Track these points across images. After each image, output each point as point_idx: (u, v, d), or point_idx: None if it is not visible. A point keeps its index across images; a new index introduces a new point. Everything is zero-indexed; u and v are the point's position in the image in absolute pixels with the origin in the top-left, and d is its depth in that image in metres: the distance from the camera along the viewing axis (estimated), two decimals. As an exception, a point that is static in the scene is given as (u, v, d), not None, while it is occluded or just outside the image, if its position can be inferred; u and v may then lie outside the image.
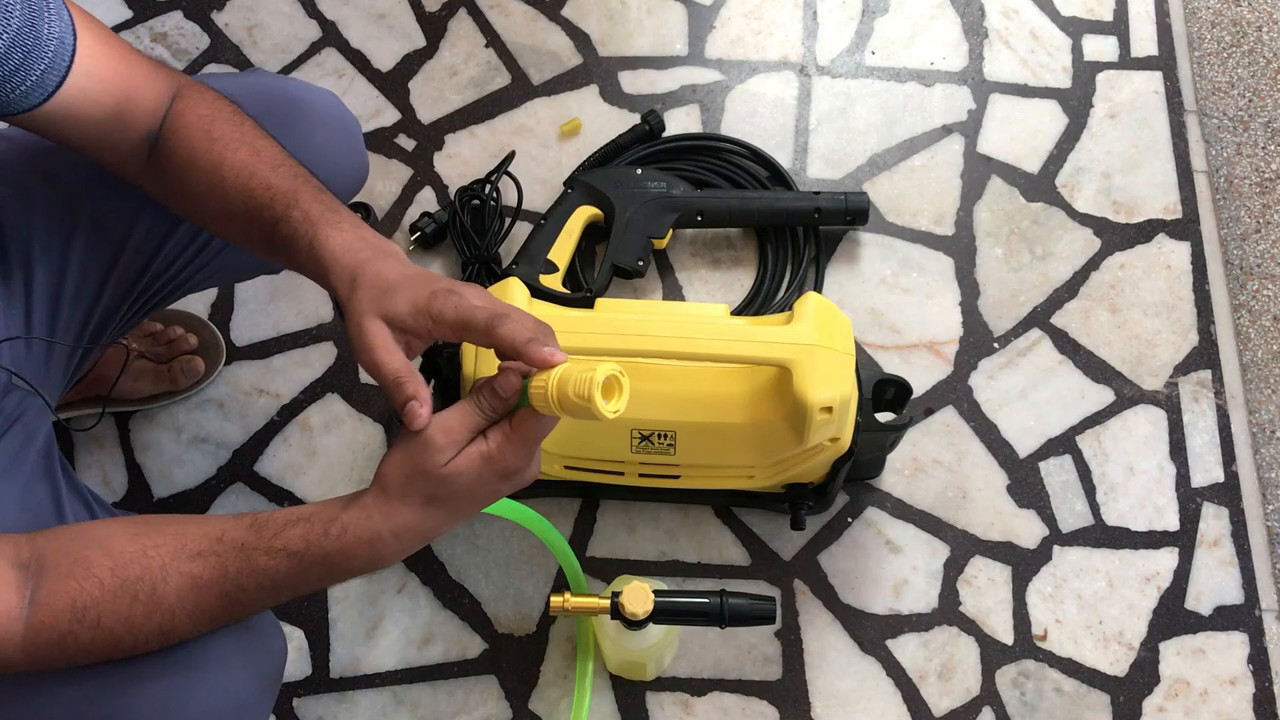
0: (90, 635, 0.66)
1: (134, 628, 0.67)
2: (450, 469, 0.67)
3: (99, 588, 0.65)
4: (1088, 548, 1.15)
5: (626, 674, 1.08)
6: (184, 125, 0.77)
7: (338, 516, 0.68)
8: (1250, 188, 1.34)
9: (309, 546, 0.67)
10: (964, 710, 1.08)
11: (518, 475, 0.70)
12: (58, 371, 0.89)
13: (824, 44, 1.42)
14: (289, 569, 0.68)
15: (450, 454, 0.67)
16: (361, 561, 0.69)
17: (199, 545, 0.68)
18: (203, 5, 1.44)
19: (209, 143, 0.77)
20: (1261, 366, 1.24)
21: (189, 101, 0.79)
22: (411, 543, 0.69)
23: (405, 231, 1.29)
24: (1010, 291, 1.27)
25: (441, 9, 1.44)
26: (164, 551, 0.67)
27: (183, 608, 0.67)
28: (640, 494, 1.12)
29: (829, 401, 0.92)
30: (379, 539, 0.68)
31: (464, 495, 0.68)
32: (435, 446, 0.67)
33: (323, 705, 1.09)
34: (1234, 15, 1.44)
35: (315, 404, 1.22)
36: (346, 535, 0.67)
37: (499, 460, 0.67)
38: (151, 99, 0.78)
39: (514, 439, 0.68)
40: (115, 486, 1.18)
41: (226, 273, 1.00)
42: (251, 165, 0.76)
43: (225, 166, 0.76)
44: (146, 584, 0.66)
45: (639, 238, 1.24)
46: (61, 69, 0.70)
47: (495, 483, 0.69)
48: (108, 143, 0.77)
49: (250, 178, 0.75)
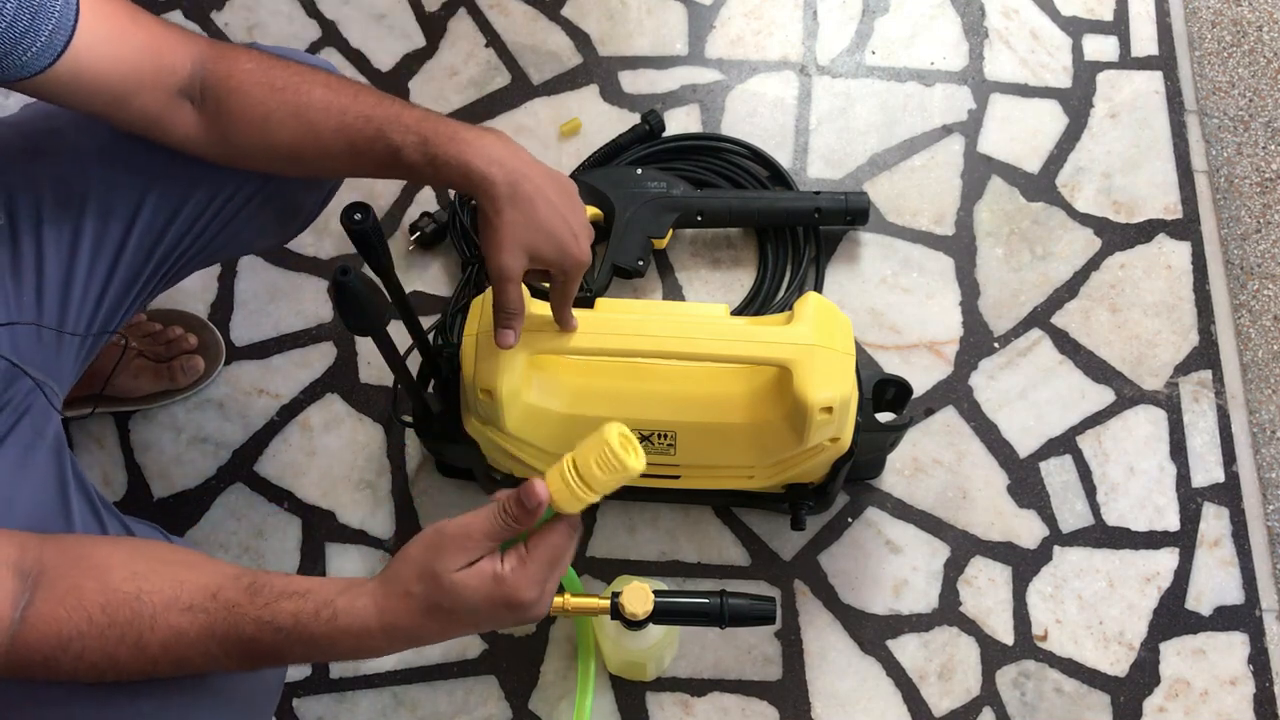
0: (73, 665, 0.66)
1: (117, 665, 0.67)
2: (459, 578, 0.66)
3: (87, 623, 0.65)
4: (1088, 548, 1.15)
5: (626, 674, 1.08)
6: (240, 85, 0.79)
7: (332, 601, 0.67)
8: (1250, 187, 1.34)
9: (296, 624, 0.66)
10: (964, 710, 1.08)
11: (524, 609, 0.67)
12: (69, 360, 0.89)
13: (824, 44, 1.42)
14: (272, 643, 0.67)
15: (463, 560, 0.66)
16: (346, 650, 0.68)
17: (192, 598, 0.67)
18: (203, 5, 1.44)
19: (276, 92, 0.79)
20: (1262, 366, 1.24)
21: (229, 61, 0.80)
22: (400, 644, 0.68)
23: (405, 231, 1.29)
24: (1010, 291, 1.27)
25: (441, 9, 1.44)
26: (157, 600, 0.66)
27: (166, 658, 0.67)
28: (640, 494, 1.12)
29: (829, 401, 0.92)
30: (367, 633, 0.67)
31: (465, 612, 0.67)
32: (451, 547, 0.66)
33: (323, 705, 1.09)
34: (1234, 15, 1.44)
35: (315, 404, 1.22)
36: (336, 622, 0.66)
37: (509, 583, 0.66)
38: (169, 55, 0.77)
39: (528, 563, 0.67)
40: (115, 486, 1.18)
41: (234, 247, 0.99)
42: (335, 101, 0.80)
43: (311, 107, 0.79)
44: (134, 631, 0.66)
45: (639, 238, 1.24)
46: (67, 27, 0.70)
47: (500, 608, 0.67)
48: (131, 100, 0.77)
49: (343, 112, 0.79)
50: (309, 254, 1.29)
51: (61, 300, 0.86)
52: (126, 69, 0.75)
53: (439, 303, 1.26)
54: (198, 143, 0.82)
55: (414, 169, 0.80)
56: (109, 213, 0.87)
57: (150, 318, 1.21)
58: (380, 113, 0.80)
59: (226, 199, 0.91)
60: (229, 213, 0.92)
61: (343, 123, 0.79)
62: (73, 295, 0.87)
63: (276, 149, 0.81)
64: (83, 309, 0.88)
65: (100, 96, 0.75)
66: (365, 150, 0.80)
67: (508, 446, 1.01)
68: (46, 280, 0.85)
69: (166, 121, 0.80)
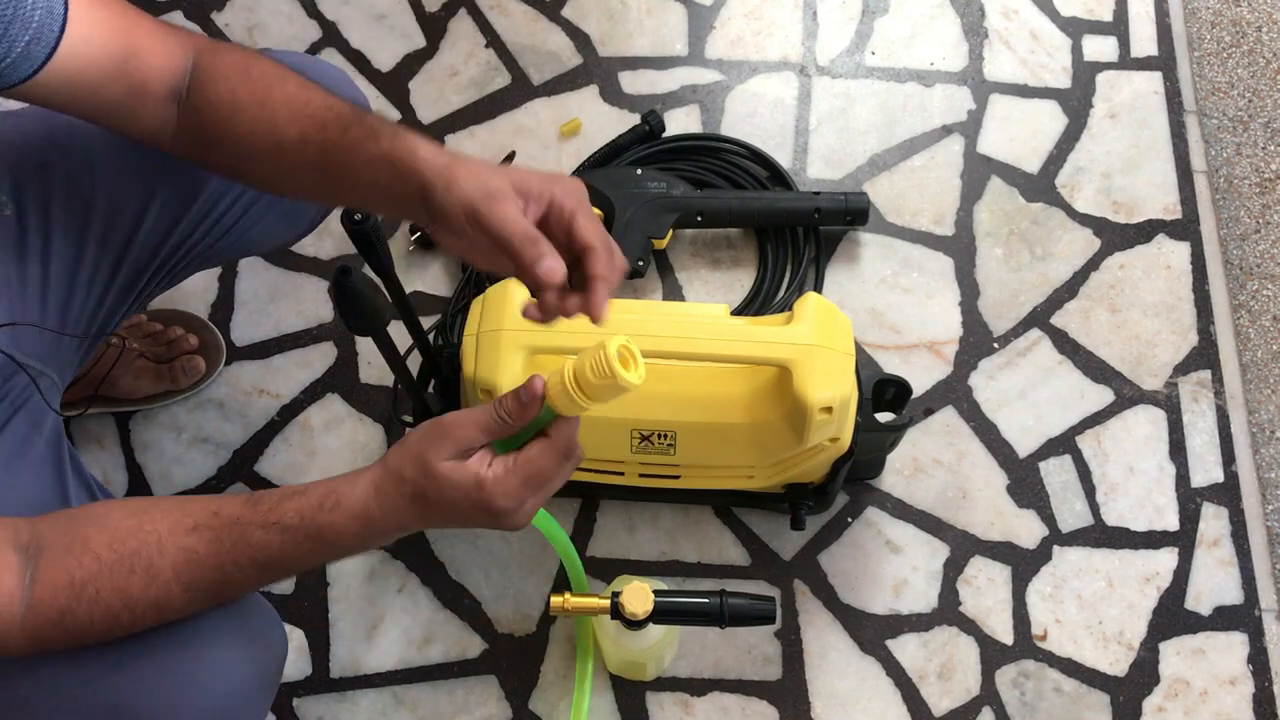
0: (88, 611, 0.66)
1: (131, 601, 0.67)
2: (445, 469, 0.66)
3: (96, 562, 0.66)
4: (1087, 548, 1.15)
5: (626, 674, 1.08)
6: (218, 74, 0.76)
7: (334, 489, 0.68)
8: (1250, 188, 1.34)
9: (302, 520, 0.67)
10: (964, 710, 1.08)
11: (499, 517, 0.68)
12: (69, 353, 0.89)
13: (824, 44, 1.42)
14: (281, 543, 0.68)
15: (453, 450, 0.67)
16: (352, 538, 0.68)
17: (195, 519, 0.68)
18: (203, 5, 1.44)
19: (249, 81, 0.76)
20: (1261, 366, 1.24)
21: (217, 54, 0.78)
22: (393, 530, 0.69)
23: (405, 232, 1.29)
24: (1010, 291, 1.27)
25: (441, 9, 1.44)
26: (161, 526, 0.67)
27: (179, 581, 0.67)
28: (640, 494, 1.12)
29: (829, 401, 0.92)
30: (369, 516, 0.68)
31: (443, 504, 0.68)
32: (444, 437, 0.66)
33: (323, 705, 1.09)
34: (1234, 15, 1.44)
35: (315, 404, 1.22)
36: (339, 509, 0.67)
37: (488, 489, 0.67)
38: (163, 59, 0.75)
39: (511, 474, 0.67)
40: (115, 486, 1.18)
41: (239, 248, 0.99)
42: (304, 94, 0.76)
43: (275, 99, 0.75)
44: (143, 557, 0.66)
45: (639, 238, 1.24)
46: (51, 38, 0.68)
47: (476, 510, 0.68)
48: (123, 109, 0.75)
49: (306, 104, 0.75)
50: (309, 254, 1.29)
51: (65, 296, 0.86)
52: (116, 77, 0.73)
53: (439, 303, 1.26)
54: (166, 136, 0.79)
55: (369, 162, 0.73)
56: (117, 211, 0.87)
57: (150, 318, 1.21)
58: (349, 112, 0.75)
59: (233, 200, 0.91)
60: (235, 214, 0.92)
61: (303, 112, 0.75)
62: (76, 291, 0.87)
63: (237, 139, 0.76)
64: (85, 305, 0.88)
65: (89, 104, 0.74)
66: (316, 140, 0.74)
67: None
68: (51, 275, 0.85)
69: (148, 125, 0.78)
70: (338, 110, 0.74)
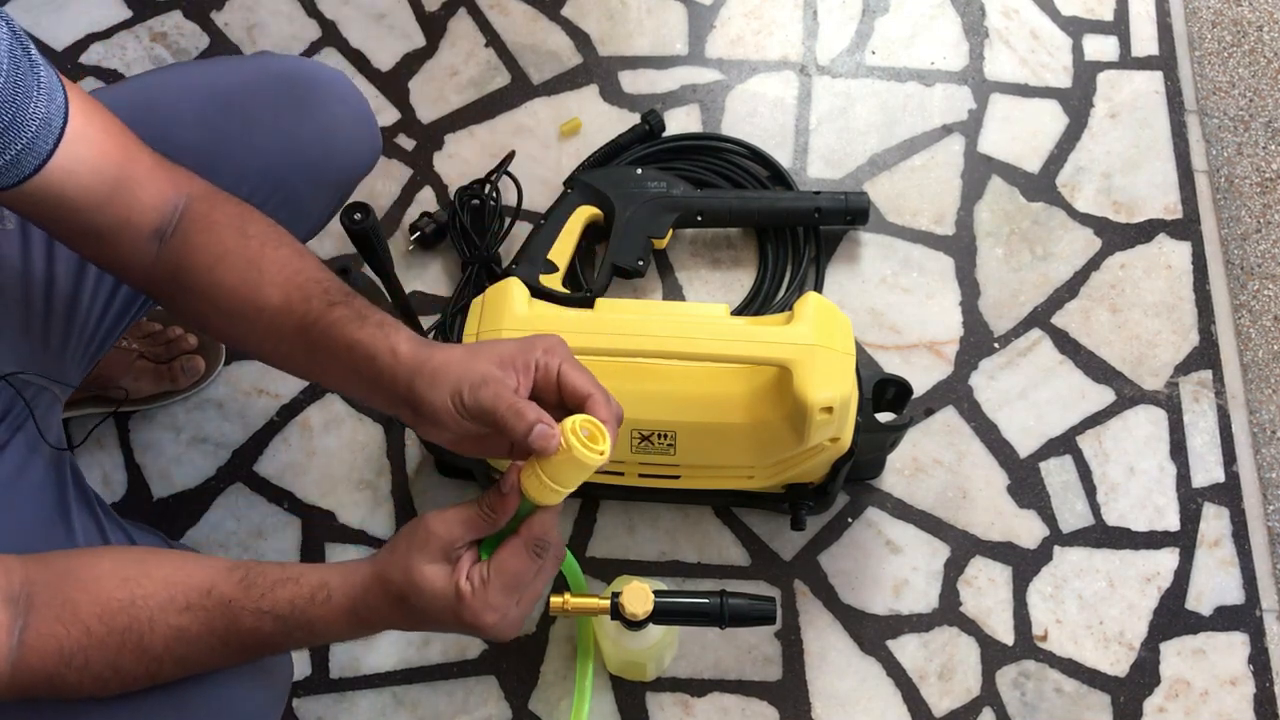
0: (77, 677, 0.66)
1: (121, 672, 0.67)
2: (426, 576, 0.65)
3: (86, 635, 0.65)
4: (1088, 548, 1.15)
5: (626, 674, 1.08)
6: (211, 223, 0.74)
7: (326, 582, 0.67)
8: (1251, 187, 1.34)
9: (294, 610, 0.67)
10: (964, 710, 1.08)
11: (484, 630, 0.67)
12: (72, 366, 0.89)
13: (824, 44, 1.42)
14: (273, 630, 0.67)
15: (436, 554, 0.66)
16: (343, 629, 0.68)
17: (187, 598, 0.67)
18: (202, 5, 1.44)
19: (243, 238, 0.73)
20: (1262, 366, 1.24)
21: (213, 202, 0.75)
22: (381, 629, 0.69)
23: (405, 231, 1.29)
24: (1010, 291, 1.27)
25: (441, 9, 1.44)
26: (152, 603, 0.67)
27: (169, 656, 0.67)
28: (640, 494, 1.12)
29: (829, 401, 0.92)
30: (357, 615, 0.67)
31: (428, 614, 0.67)
32: (427, 540, 0.66)
33: (323, 705, 1.09)
34: (1234, 15, 1.44)
35: (315, 404, 1.22)
36: (330, 604, 0.67)
37: (469, 602, 0.65)
38: (154, 195, 0.73)
39: (489, 585, 0.65)
40: (115, 486, 1.18)
41: None
42: (296, 261, 0.73)
43: (266, 260, 0.72)
44: (134, 634, 0.66)
45: (639, 238, 1.24)
46: (42, 151, 0.66)
47: (459, 623, 0.66)
48: (103, 237, 0.72)
49: (296, 272, 0.72)
50: (309, 254, 1.29)
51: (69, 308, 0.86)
52: (103, 203, 0.71)
53: (439, 303, 1.26)
54: (138, 272, 0.75)
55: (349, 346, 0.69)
56: None
57: (150, 318, 1.21)
58: (337, 291, 0.71)
59: None
60: None
61: (293, 280, 0.71)
62: (80, 303, 0.87)
63: (218, 292, 0.73)
64: (89, 316, 0.88)
65: (70, 225, 0.72)
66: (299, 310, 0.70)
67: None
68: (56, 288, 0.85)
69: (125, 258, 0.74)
70: (326, 285, 0.72)
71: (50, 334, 0.85)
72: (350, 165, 0.96)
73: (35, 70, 0.65)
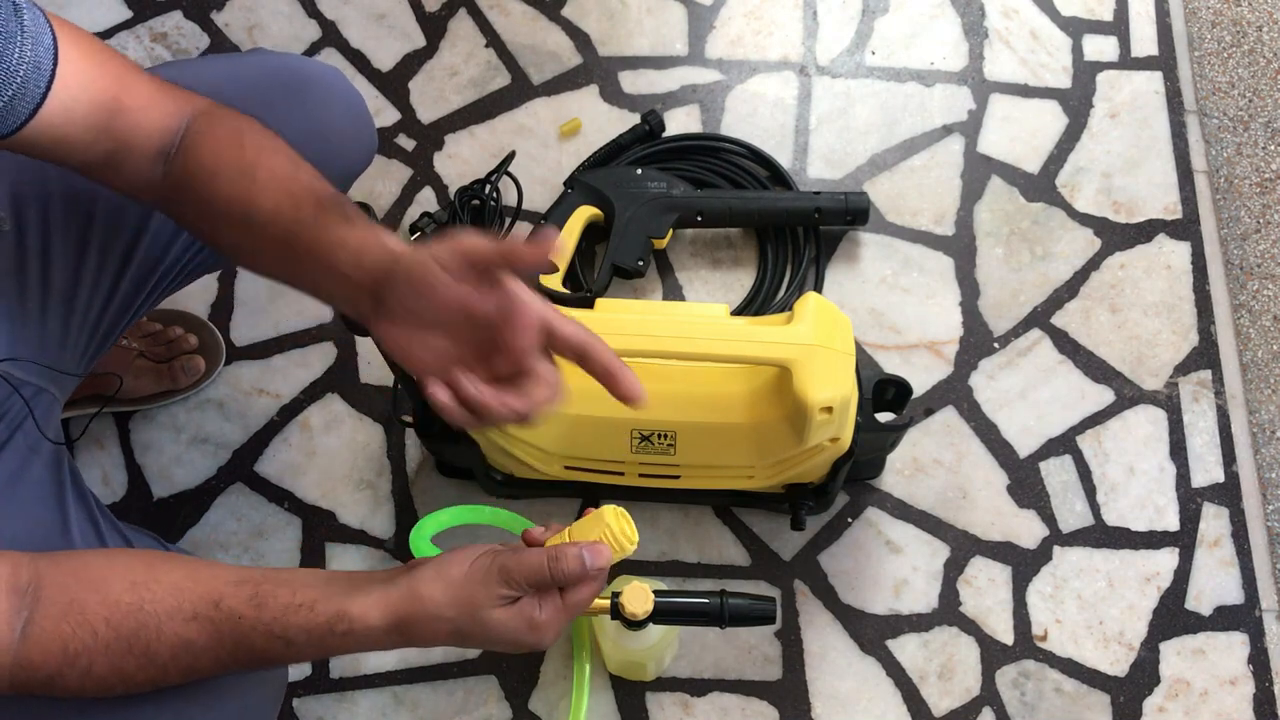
0: (79, 680, 0.66)
1: (125, 677, 0.67)
2: (499, 616, 0.69)
3: (92, 637, 0.65)
4: (1088, 548, 1.15)
5: (626, 674, 1.08)
6: (210, 138, 0.74)
7: (344, 612, 0.68)
8: (1250, 188, 1.34)
9: (309, 639, 0.68)
10: (964, 710, 1.08)
11: (540, 646, 0.72)
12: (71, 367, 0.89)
13: (824, 44, 1.42)
14: (285, 653, 0.68)
15: (503, 602, 0.69)
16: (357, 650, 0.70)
17: (195, 608, 0.67)
18: (203, 5, 1.44)
19: (239, 149, 0.73)
20: (1262, 366, 1.24)
21: (213, 119, 0.75)
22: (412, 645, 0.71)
23: (405, 232, 1.29)
24: (1010, 291, 1.27)
25: (441, 9, 1.44)
26: (160, 609, 0.67)
27: (175, 665, 0.67)
28: (640, 494, 1.12)
29: (829, 401, 0.92)
30: (385, 642, 0.70)
31: (491, 640, 0.70)
32: (498, 584, 0.69)
33: (323, 705, 1.09)
34: (1234, 15, 1.44)
35: (315, 404, 1.22)
36: (351, 635, 0.68)
37: (541, 627, 0.70)
38: (156, 117, 0.73)
39: (563, 611, 0.71)
40: (115, 486, 1.18)
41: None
42: (290, 170, 0.73)
43: (260, 169, 0.72)
44: (140, 640, 0.66)
45: (639, 238, 1.24)
46: (35, 95, 0.66)
47: (522, 644, 0.71)
48: (106, 165, 0.74)
49: (289, 180, 0.72)
50: (309, 254, 1.29)
51: (67, 309, 0.86)
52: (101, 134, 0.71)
53: (439, 303, 1.26)
54: (148, 192, 0.77)
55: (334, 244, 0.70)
56: (117, 222, 0.87)
57: (150, 318, 1.21)
58: (330, 198, 0.72)
59: None
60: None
61: (284, 188, 0.71)
62: (78, 304, 0.87)
63: (213, 203, 0.73)
64: (88, 317, 0.88)
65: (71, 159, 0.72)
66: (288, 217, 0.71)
67: (507, 446, 1.01)
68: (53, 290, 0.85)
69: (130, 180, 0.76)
70: (319, 193, 0.72)
71: (48, 320, 0.85)
72: (346, 162, 0.96)
73: (19, 15, 0.65)
